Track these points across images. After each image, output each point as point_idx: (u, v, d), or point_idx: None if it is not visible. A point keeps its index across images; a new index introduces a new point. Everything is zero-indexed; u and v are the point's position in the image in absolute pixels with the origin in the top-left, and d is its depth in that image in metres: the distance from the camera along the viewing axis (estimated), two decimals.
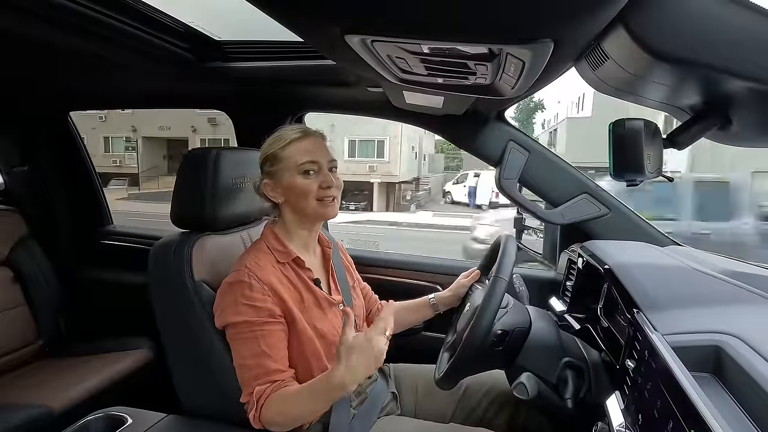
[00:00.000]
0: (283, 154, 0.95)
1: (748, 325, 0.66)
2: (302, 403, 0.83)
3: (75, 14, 0.90)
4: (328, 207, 0.97)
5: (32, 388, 1.41)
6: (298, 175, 0.94)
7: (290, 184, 0.95)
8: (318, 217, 0.99)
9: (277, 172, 0.96)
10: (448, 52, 0.64)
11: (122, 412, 1.03)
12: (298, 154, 0.94)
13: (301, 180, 0.94)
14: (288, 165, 0.94)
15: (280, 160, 0.95)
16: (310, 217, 0.99)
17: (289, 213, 0.99)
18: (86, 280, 1.85)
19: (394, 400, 1.12)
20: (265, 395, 0.84)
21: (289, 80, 1.38)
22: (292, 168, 0.94)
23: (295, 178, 0.94)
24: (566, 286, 1.24)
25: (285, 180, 0.95)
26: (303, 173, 0.94)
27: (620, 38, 0.57)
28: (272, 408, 0.83)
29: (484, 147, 1.34)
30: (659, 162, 0.79)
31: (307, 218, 0.99)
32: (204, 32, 1.28)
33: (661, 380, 0.58)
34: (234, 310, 0.88)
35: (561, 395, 0.85)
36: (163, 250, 1.02)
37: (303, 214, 0.98)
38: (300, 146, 0.95)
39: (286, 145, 0.95)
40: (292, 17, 0.68)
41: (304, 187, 0.94)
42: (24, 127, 1.84)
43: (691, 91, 0.70)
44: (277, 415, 0.83)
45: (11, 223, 1.70)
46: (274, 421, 0.84)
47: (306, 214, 0.97)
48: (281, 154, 0.95)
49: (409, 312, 1.24)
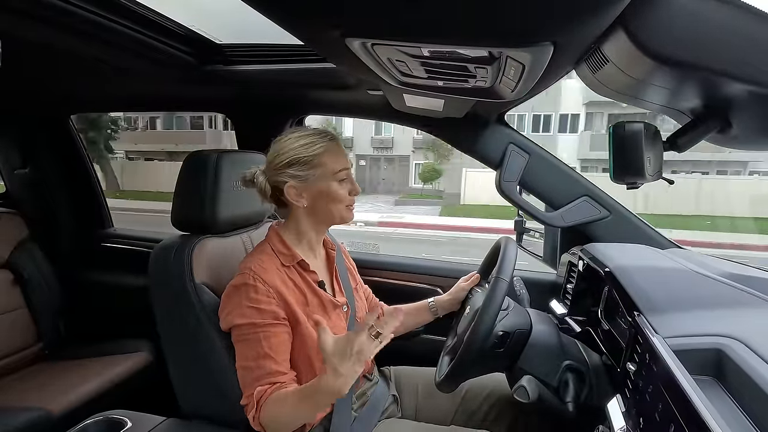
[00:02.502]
0: (319, 161, 0.93)
1: (750, 328, 0.65)
2: (296, 406, 0.82)
3: (76, 18, 0.91)
4: (352, 211, 1.00)
5: (31, 391, 1.40)
6: (334, 183, 0.95)
7: (324, 190, 0.94)
8: (341, 222, 1.00)
9: (308, 177, 0.94)
10: (448, 55, 0.64)
11: (122, 415, 1.02)
12: (333, 161, 0.94)
13: (337, 187, 0.95)
14: (325, 171, 0.94)
15: (314, 166, 0.93)
16: (332, 222, 1.00)
17: (305, 216, 0.99)
18: (86, 282, 1.85)
19: (394, 403, 1.12)
20: (266, 396, 0.84)
21: (290, 83, 1.38)
22: (328, 175, 0.94)
23: (331, 185, 0.94)
24: (567, 289, 1.24)
25: (318, 185, 0.94)
26: (339, 181, 0.95)
27: (620, 41, 0.57)
28: (270, 409, 0.83)
29: (484, 150, 1.34)
30: (659, 164, 0.79)
31: (329, 222, 1.00)
32: (205, 35, 1.28)
33: (662, 383, 0.58)
34: (239, 312, 0.88)
35: (562, 398, 0.85)
36: (163, 252, 1.02)
37: (327, 218, 0.98)
38: (333, 153, 0.95)
39: (322, 152, 0.93)
40: (294, 21, 0.68)
41: (339, 194, 0.95)
42: (25, 130, 1.85)
43: (690, 95, 0.70)
44: (275, 417, 0.83)
45: (12, 225, 1.70)
46: (272, 422, 0.84)
47: (332, 218, 0.98)
48: (316, 160, 0.93)
49: (408, 316, 1.24)
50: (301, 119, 1.66)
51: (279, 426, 0.85)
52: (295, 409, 0.82)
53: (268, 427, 0.85)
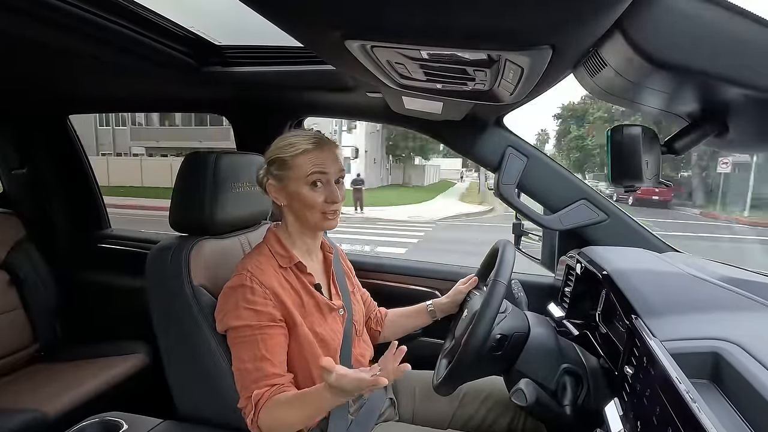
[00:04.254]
0: (293, 163, 0.93)
1: (747, 331, 0.66)
2: (297, 410, 0.83)
3: (74, 17, 0.90)
4: (330, 221, 0.96)
5: (27, 392, 1.39)
6: (305, 186, 0.93)
7: (296, 193, 0.94)
8: (317, 229, 0.99)
9: (283, 178, 0.94)
10: (447, 58, 0.65)
11: (118, 417, 1.02)
12: (308, 164, 0.92)
13: (308, 191, 0.93)
14: (296, 174, 0.93)
15: (288, 167, 0.93)
16: (310, 228, 0.99)
17: (291, 218, 0.99)
18: (83, 283, 1.84)
19: (392, 407, 1.11)
20: (264, 399, 0.83)
21: (289, 85, 1.38)
22: (300, 177, 0.93)
23: (302, 189, 0.93)
24: (564, 292, 1.24)
25: (291, 188, 0.94)
26: (311, 184, 0.93)
27: (618, 45, 0.57)
28: (269, 413, 0.83)
29: (482, 152, 1.34)
30: (657, 168, 0.79)
31: (309, 228, 0.99)
32: (204, 36, 1.28)
33: (659, 387, 0.58)
34: (235, 314, 0.88)
35: (559, 402, 0.85)
36: (160, 253, 1.02)
37: (305, 223, 0.98)
38: (311, 157, 0.92)
39: (297, 154, 0.92)
40: (293, 22, 0.68)
41: (310, 199, 0.93)
42: (23, 130, 1.84)
43: (688, 98, 0.70)
44: (273, 421, 0.83)
45: (9, 226, 1.69)
46: (270, 425, 0.83)
47: (307, 224, 0.97)
48: (291, 161, 0.93)
49: (406, 319, 1.24)
50: (299, 121, 1.66)
51: (282, 428, 0.84)
52: (295, 413, 0.82)
53: (268, 430, 0.84)
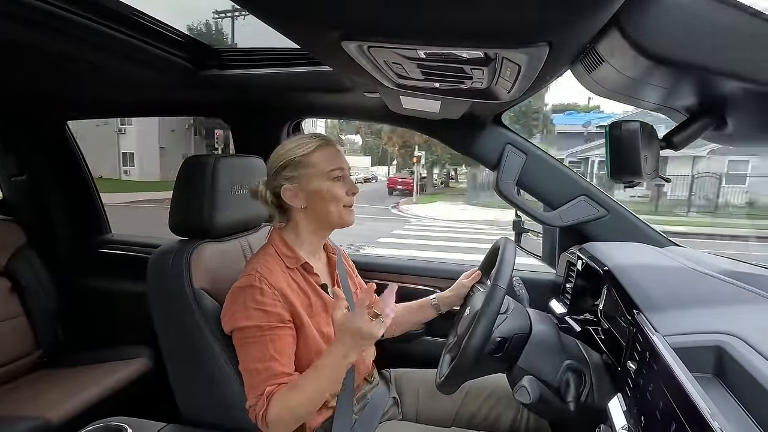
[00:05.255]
0: (309, 160, 0.94)
1: (749, 325, 0.65)
2: (307, 387, 0.83)
3: (71, 23, 0.90)
4: (352, 213, 0.99)
5: (30, 399, 1.39)
6: (327, 181, 0.95)
7: (318, 189, 0.95)
8: (340, 224, 0.99)
9: (302, 178, 0.95)
10: (444, 57, 0.64)
11: (121, 422, 1.02)
12: (325, 160, 0.95)
13: (331, 185, 0.95)
14: (317, 171, 0.94)
15: (305, 166, 0.94)
16: (332, 224, 0.99)
17: (305, 219, 0.99)
18: (85, 289, 1.84)
19: (395, 405, 1.11)
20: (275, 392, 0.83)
21: (286, 87, 1.38)
22: (321, 174, 0.94)
23: (325, 184, 0.94)
24: (566, 288, 1.24)
25: (312, 185, 0.95)
26: (333, 179, 0.95)
27: (615, 41, 0.57)
28: (278, 403, 0.82)
29: (481, 150, 1.34)
30: (656, 163, 0.79)
31: (329, 224, 0.99)
32: (201, 40, 1.29)
33: (662, 382, 0.58)
34: (244, 314, 0.88)
35: (563, 398, 0.85)
36: (161, 258, 1.01)
37: (326, 220, 0.98)
38: (325, 153, 0.96)
39: (312, 152, 0.95)
40: (289, 24, 0.68)
41: (335, 193, 0.95)
42: (22, 137, 1.84)
43: (686, 93, 0.70)
44: (283, 409, 0.82)
45: (9, 233, 1.69)
46: (280, 417, 0.82)
47: (330, 220, 0.97)
48: (307, 160, 0.94)
49: (411, 313, 1.24)
50: (298, 122, 1.66)
51: (291, 416, 0.84)
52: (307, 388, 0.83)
53: (277, 424, 0.83)
